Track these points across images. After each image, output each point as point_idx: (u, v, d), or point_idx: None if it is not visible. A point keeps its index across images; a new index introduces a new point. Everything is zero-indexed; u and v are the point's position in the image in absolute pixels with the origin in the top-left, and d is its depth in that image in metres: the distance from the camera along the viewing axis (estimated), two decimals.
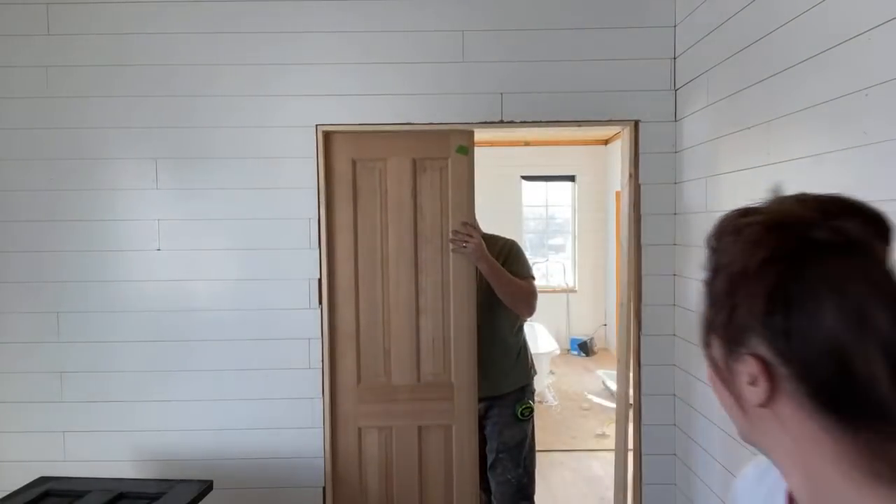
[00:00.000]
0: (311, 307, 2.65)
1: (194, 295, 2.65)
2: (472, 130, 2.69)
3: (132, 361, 2.65)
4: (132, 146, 2.63)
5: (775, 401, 0.60)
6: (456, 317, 2.69)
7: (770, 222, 0.65)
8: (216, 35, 2.62)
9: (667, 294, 2.66)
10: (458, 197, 2.69)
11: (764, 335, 0.60)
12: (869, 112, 1.44)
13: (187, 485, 2.23)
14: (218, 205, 2.64)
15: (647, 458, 2.69)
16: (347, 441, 2.72)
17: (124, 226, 2.64)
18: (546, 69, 2.63)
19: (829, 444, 0.58)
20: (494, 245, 2.71)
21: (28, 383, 2.65)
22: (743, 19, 2.05)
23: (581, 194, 8.58)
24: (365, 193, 2.70)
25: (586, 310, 8.39)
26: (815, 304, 0.57)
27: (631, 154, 2.69)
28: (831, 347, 0.56)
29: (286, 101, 2.62)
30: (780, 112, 1.83)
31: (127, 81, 2.62)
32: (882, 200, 1.41)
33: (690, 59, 2.49)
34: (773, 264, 0.60)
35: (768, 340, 0.60)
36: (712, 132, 2.30)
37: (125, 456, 2.65)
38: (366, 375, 2.73)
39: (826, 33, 1.60)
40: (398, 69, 2.63)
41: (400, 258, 2.70)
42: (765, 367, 0.60)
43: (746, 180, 2.05)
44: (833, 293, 0.57)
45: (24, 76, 2.61)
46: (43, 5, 2.60)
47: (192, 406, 2.66)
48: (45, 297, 2.64)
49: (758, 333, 0.60)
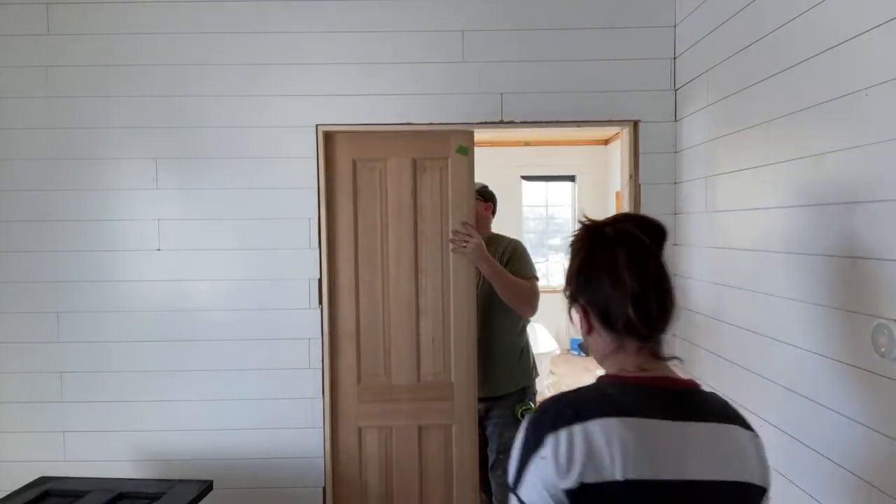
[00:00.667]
0: (311, 307, 2.65)
1: (194, 295, 2.65)
2: (472, 131, 2.69)
3: (132, 361, 2.65)
4: (132, 146, 2.63)
5: (592, 327, 1.09)
6: (456, 317, 2.69)
7: (585, 226, 1.11)
8: (216, 35, 2.62)
9: None
10: (458, 197, 2.69)
11: (581, 294, 1.09)
12: (869, 112, 1.44)
13: (187, 485, 2.23)
14: (218, 205, 2.64)
15: None
16: (347, 441, 2.72)
17: (124, 226, 2.64)
18: (546, 69, 2.63)
19: (614, 346, 1.07)
20: (499, 245, 2.71)
21: (28, 383, 2.65)
22: (743, 19, 2.05)
23: (581, 194, 8.58)
24: (365, 193, 2.70)
25: None
26: (599, 274, 1.06)
27: (631, 154, 2.69)
28: (606, 298, 1.05)
29: (286, 102, 2.62)
30: (780, 112, 1.83)
31: (127, 81, 2.61)
32: (882, 200, 1.42)
33: (690, 59, 2.49)
34: (581, 251, 1.09)
35: (583, 297, 1.09)
36: (712, 132, 2.30)
37: (125, 456, 2.65)
38: (366, 375, 2.73)
39: (826, 33, 1.60)
40: (398, 69, 2.63)
41: (400, 258, 2.70)
42: (585, 311, 1.10)
43: (746, 180, 2.05)
44: (607, 268, 1.05)
45: (24, 76, 2.61)
46: (43, 5, 2.60)
47: (192, 406, 2.65)
48: (45, 297, 2.63)
49: (580, 293, 1.09)
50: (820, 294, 1.64)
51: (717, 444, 1.00)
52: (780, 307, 1.84)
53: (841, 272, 1.55)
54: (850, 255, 1.52)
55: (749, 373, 2.03)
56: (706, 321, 2.35)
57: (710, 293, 2.33)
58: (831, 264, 1.59)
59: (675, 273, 2.63)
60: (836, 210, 1.57)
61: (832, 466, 1.60)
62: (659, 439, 0.96)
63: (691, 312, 2.49)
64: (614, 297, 1.03)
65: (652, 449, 0.95)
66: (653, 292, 1.03)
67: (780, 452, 1.84)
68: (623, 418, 0.95)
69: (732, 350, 2.15)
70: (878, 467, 1.44)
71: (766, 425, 1.92)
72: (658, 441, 0.96)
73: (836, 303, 1.57)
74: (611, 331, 1.06)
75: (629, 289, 1.02)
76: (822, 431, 1.64)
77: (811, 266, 1.68)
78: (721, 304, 2.24)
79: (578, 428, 0.94)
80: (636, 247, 1.05)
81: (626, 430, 0.94)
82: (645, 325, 1.03)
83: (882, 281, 1.41)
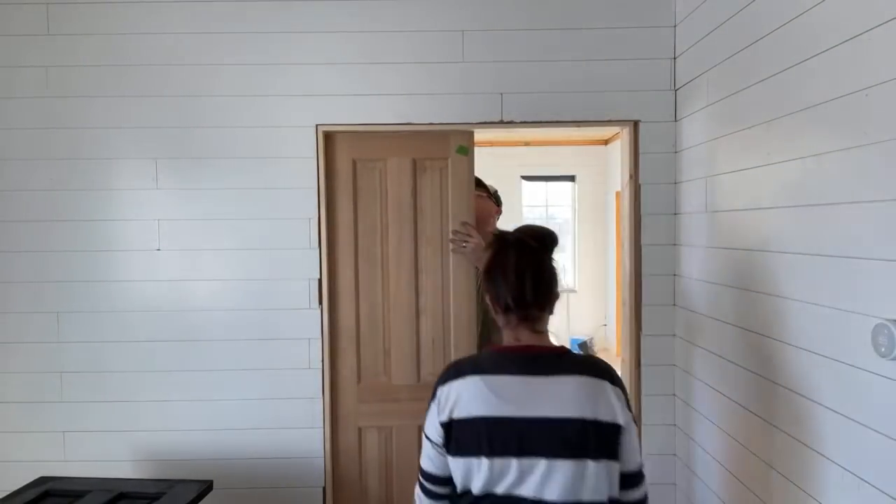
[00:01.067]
0: (311, 307, 2.65)
1: (194, 295, 2.65)
2: (472, 131, 2.69)
3: (132, 361, 2.65)
4: (132, 146, 2.63)
5: (498, 313, 1.47)
6: (456, 317, 2.70)
7: (496, 236, 1.52)
8: (216, 35, 2.62)
9: (667, 294, 2.66)
10: (458, 197, 2.69)
11: (487, 287, 1.48)
12: (869, 112, 1.44)
13: (187, 485, 2.23)
14: (218, 205, 2.64)
15: (647, 459, 2.69)
16: (347, 441, 2.72)
17: (124, 226, 2.64)
18: (546, 69, 2.63)
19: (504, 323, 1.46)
20: None
21: (28, 383, 2.65)
22: (743, 19, 2.05)
23: (581, 194, 8.58)
24: (365, 193, 2.70)
25: (586, 310, 8.39)
26: (496, 271, 1.45)
27: (631, 154, 2.69)
28: (498, 289, 1.44)
29: (286, 101, 2.62)
30: (780, 112, 1.83)
31: (127, 81, 2.62)
32: (882, 200, 1.42)
33: (690, 59, 2.49)
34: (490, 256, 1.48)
35: (488, 290, 1.47)
36: (712, 132, 2.30)
37: (125, 456, 2.65)
38: (366, 375, 2.73)
39: (826, 33, 1.60)
40: (398, 69, 2.63)
41: (400, 258, 2.70)
42: (493, 301, 1.46)
43: (746, 180, 2.05)
44: (500, 268, 1.44)
45: (24, 76, 2.61)
46: (43, 5, 2.60)
47: (192, 406, 2.66)
48: (46, 297, 2.63)
49: (486, 286, 1.48)
50: (820, 294, 1.64)
51: (561, 391, 1.36)
52: (779, 307, 1.84)
53: (841, 272, 1.55)
54: (849, 255, 1.52)
55: (749, 372, 2.03)
56: (706, 321, 2.35)
57: (709, 293, 2.33)
58: (831, 264, 1.59)
59: (676, 273, 2.64)
60: (836, 210, 1.57)
61: (830, 465, 1.60)
62: (506, 389, 1.37)
63: (691, 312, 2.49)
64: (503, 288, 1.43)
65: (499, 395, 1.36)
66: (529, 283, 1.41)
67: (780, 452, 1.85)
68: (482, 375, 1.39)
69: (732, 350, 2.15)
70: (878, 467, 1.44)
71: (766, 424, 1.92)
72: (505, 390, 1.37)
73: (836, 303, 1.57)
74: (502, 313, 1.45)
75: (511, 281, 1.42)
76: (823, 431, 1.64)
77: (811, 266, 1.68)
78: (720, 304, 2.24)
79: (455, 382, 1.41)
80: (524, 251, 1.45)
81: (482, 383, 1.38)
82: (519, 308, 1.42)
83: (882, 281, 1.41)
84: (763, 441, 1.94)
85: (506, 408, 1.34)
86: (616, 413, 1.34)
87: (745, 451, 2.06)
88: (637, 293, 2.69)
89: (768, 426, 1.90)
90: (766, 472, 1.92)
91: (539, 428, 1.32)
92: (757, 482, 1.99)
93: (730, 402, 2.16)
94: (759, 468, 1.97)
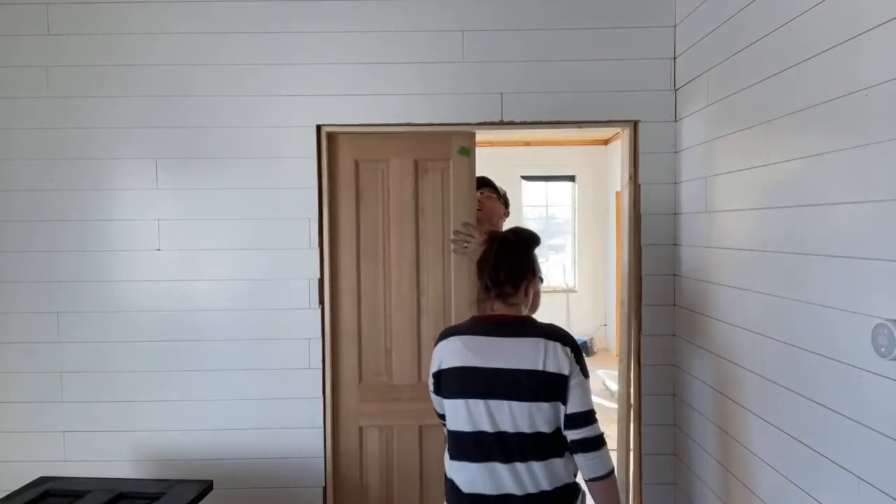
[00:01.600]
0: (312, 307, 2.65)
1: (194, 295, 2.65)
2: (474, 132, 2.70)
3: (132, 361, 2.65)
4: (132, 146, 2.63)
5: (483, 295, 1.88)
6: (457, 317, 2.69)
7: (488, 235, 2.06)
8: (217, 35, 2.62)
9: (667, 294, 2.66)
10: (459, 198, 2.69)
11: (479, 274, 1.89)
12: (869, 112, 1.45)
13: (187, 485, 2.24)
14: (218, 205, 2.64)
15: (647, 458, 2.70)
16: (348, 440, 2.72)
17: (124, 226, 2.64)
18: (546, 69, 2.63)
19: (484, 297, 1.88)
20: None
21: (28, 383, 2.65)
22: (743, 19, 2.05)
23: (581, 194, 8.59)
24: (367, 194, 2.71)
25: (586, 310, 8.39)
26: (484, 262, 1.88)
27: (631, 154, 2.69)
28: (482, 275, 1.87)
29: (287, 102, 2.63)
30: (780, 112, 1.83)
31: (127, 81, 2.62)
32: (882, 201, 1.42)
33: (690, 59, 2.49)
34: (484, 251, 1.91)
35: (479, 278, 1.89)
36: (712, 132, 2.30)
37: (125, 456, 2.65)
38: (367, 375, 2.73)
39: (826, 33, 1.60)
40: (398, 69, 2.63)
41: (401, 258, 2.71)
42: (481, 285, 1.88)
43: (746, 180, 2.05)
44: (485, 257, 1.88)
45: (24, 76, 2.61)
46: (43, 5, 2.60)
47: (193, 406, 2.66)
48: (45, 297, 2.64)
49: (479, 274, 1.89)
50: (820, 294, 1.64)
51: (519, 348, 1.74)
52: (779, 307, 1.84)
53: (841, 272, 1.55)
54: (849, 255, 1.52)
55: (748, 372, 2.03)
56: (706, 321, 2.36)
57: (709, 293, 2.33)
58: (831, 264, 1.59)
59: (676, 273, 2.64)
60: (836, 210, 1.57)
61: (830, 465, 1.60)
62: (477, 345, 1.79)
63: (691, 312, 2.49)
64: (486, 271, 1.85)
65: (473, 350, 1.78)
66: (504, 265, 1.84)
67: (780, 452, 1.85)
68: (461, 336, 1.83)
69: (732, 350, 2.15)
70: (878, 467, 1.44)
71: (766, 425, 1.92)
72: (476, 346, 1.79)
73: (836, 303, 1.57)
74: (483, 291, 1.87)
75: (491, 265, 1.85)
76: (823, 431, 1.64)
77: (811, 266, 1.68)
78: (720, 304, 2.24)
79: (444, 342, 1.86)
80: (504, 244, 1.89)
81: (460, 342, 1.82)
82: (496, 285, 1.84)
83: (882, 281, 1.41)
84: (763, 441, 1.95)
85: (475, 360, 1.77)
86: (562, 366, 1.71)
87: (745, 451, 2.06)
88: (637, 293, 2.69)
89: (768, 426, 1.91)
90: (766, 472, 1.92)
91: (497, 375, 1.73)
92: (757, 482, 1.99)
93: (730, 402, 2.17)
94: (759, 468, 1.97)
